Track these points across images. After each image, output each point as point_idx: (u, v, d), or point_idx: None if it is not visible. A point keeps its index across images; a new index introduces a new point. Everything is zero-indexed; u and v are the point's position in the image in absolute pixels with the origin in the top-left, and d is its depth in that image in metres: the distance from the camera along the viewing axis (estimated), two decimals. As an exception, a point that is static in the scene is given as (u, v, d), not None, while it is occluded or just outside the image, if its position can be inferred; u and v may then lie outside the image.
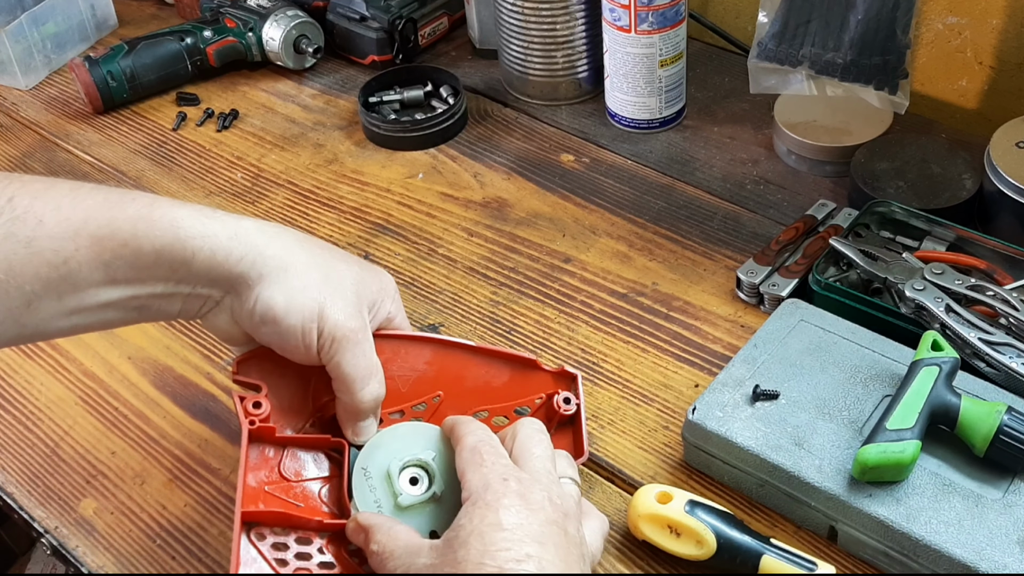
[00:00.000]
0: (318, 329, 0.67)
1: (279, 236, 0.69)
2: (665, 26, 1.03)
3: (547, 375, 0.77)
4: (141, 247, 0.64)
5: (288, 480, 0.71)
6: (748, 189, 1.03)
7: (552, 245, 0.99)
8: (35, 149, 1.17)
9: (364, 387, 0.70)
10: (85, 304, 0.65)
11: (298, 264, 0.68)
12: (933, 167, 0.96)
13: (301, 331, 0.67)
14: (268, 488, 0.69)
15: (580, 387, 0.76)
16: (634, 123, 1.11)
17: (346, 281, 0.70)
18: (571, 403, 0.75)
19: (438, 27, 1.27)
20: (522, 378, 0.77)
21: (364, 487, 0.68)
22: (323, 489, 0.72)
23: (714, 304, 0.91)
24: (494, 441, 0.66)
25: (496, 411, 0.77)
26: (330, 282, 0.69)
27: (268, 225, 0.70)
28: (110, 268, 0.64)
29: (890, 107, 1.01)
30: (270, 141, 1.16)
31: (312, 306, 0.67)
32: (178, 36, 1.22)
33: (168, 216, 0.65)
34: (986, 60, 1.07)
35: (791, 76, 1.02)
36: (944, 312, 0.80)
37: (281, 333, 0.67)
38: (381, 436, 0.71)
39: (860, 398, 0.76)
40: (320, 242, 0.73)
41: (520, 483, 0.62)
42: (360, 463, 0.70)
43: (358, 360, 0.69)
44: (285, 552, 0.67)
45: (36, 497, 0.80)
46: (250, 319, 0.67)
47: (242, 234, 0.67)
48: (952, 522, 0.68)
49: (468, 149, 1.12)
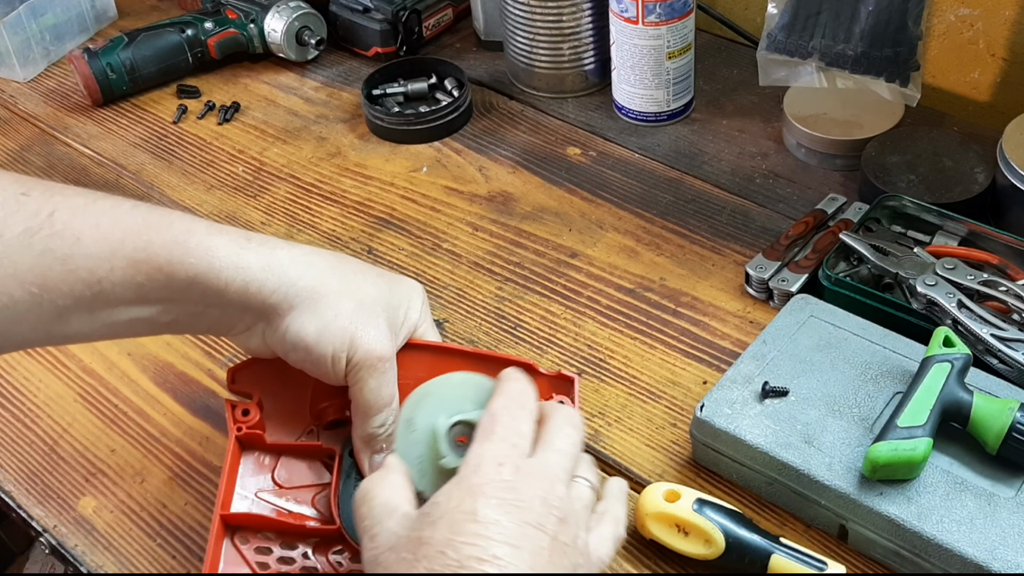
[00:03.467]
0: (347, 357, 0.69)
1: (312, 265, 0.70)
2: (673, 17, 1.02)
3: (544, 379, 0.75)
4: (175, 273, 0.65)
5: (281, 487, 0.72)
6: (757, 183, 1.02)
7: (558, 240, 0.98)
8: (34, 142, 1.17)
9: (379, 414, 0.70)
10: (115, 319, 0.66)
11: (330, 294, 0.69)
12: (945, 161, 0.95)
13: (331, 359, 0.68)
14: (261, 494, 0.71)
15: (577, 390, 0.75)
16: (641, 116, 1.10)
17: (377, 307, 0.71)
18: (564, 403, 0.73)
19: (442, 18, 1.26)
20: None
21: (407, 440, 0.65)
22: (317, 496, 0.73)
23: (723, 300, 0.91)
24: (523, 411, 0.63)
25: None
26: (362, 310, 0.70)
27: (301, 253, 0.70)
28: (143, 289, 0.65)
29: (901, 100, 1.00)
30: (272, 134, 1.15)
31: (343, 336, 0.68)
32: (179, 28, 1.21)
33: (204, 244, 0.66)
34: (999, 52, 1.06)
35: (801, 68, 1.02)
36: (956, 308, 0.79)
37: (313, 360, 0.69)
38: (431, 385, 0.69)
39: (871, 395, 0.75)
40: (352, 264, 0.74)
41: (516, 473, 0.59)
42: (406, 413, 0.67)
43: (381, 389, 0.70)
44: (268, 556, 0.69)
45: (34, 495, 0.80)
46: (281, 345, 0.69)
47: (275, 266, 0.68)
48: (964, 521, 0.68)
49: (473, 142, 1.11)
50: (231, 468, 0.71)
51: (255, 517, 0.70)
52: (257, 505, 0.71)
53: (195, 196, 1.07)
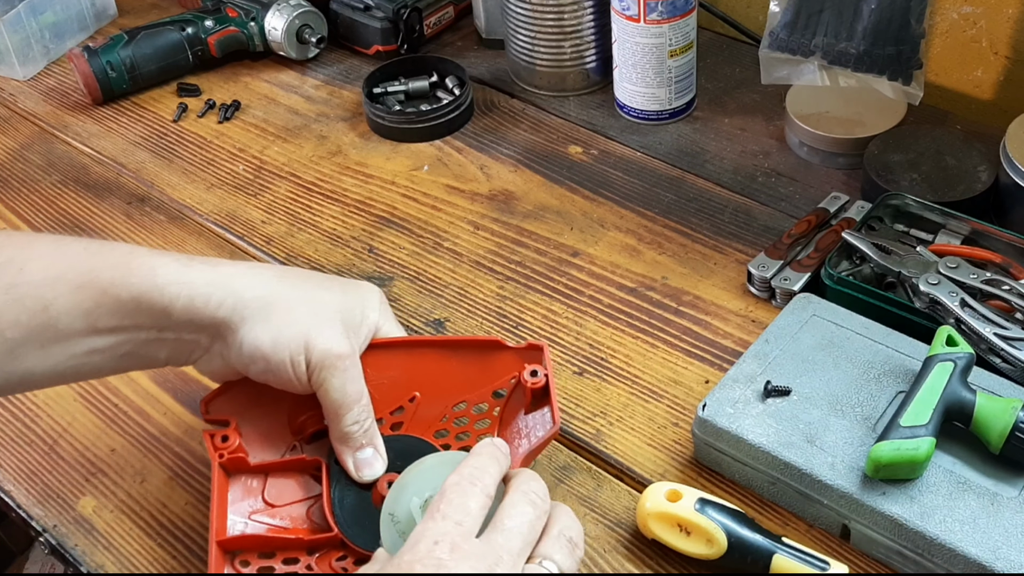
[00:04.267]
0: (306, 360, 0.69)
1: (258, 276, 0.71)
2: (675, 15, 1.02)
3: (515, 352, 0.76)
4: (120, 295, 0.66)
5: (274, 505, 0.73)
6: (759, 181, 1.02)
7: (560, 238, 0.98)
8: (33, 141, 1.16)
9: (349, 412, 0.71)
10: (70, 352, 0.67)
11: (280, 301, 0.70)
12: (948, 159, 0.95)
13: (290, 364, 0.69)
14: (254, 516, 0.72)
15: (547, 357, 0.75)
16: (643, 114, 1.10)
17: (330, 309, 0.72)
18: (538, 375, 0.74)
19: (443, 16, 1.26)
20: (492, 360, 0.77)
21: (393, 533, 0.64)
22: (312, 508, 0.73)
23: (725, 299, 0.90)
24: (473, 487, 0.59)
25: (473, 399, 0.77)
26: (315, 313, 0.71)
27: (246, 267, 0.72)
28: (91, 316, 0.66)
29: (904, 98, 1.00)
30: (272, 133, 1.15)
31: (299, 339, 0.69)
32: (179, 26, 1.21)
33: (147, 264, 0.68)
34: (1002, 50, 1.06)
35: (803, 66, 1.02)
36: (959, 307, 0.79)
37: (272, 369, 0.69)
38: (406, 475, 0.66)
39: (873, 394, 0.75)
40: (301, 272, 0.75)
41: (452, 552, 0.55)
42: (387, 507, 0.65)
43: (346, 387, 0.70)
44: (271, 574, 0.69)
45: (34, 495, 0.80)
46: (240, 360, 0.69)
47: (220, 280, 0.69)
48: (967, 520, 0.68)
49: (474, 141, 1.11)
50: (219, 495, 0.71)
51: (252, 538, 0.71)
52: (252, 527, 0.72)
53: (195, 195, 1.07)
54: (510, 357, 0.77)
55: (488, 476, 0.60)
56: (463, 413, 0.77)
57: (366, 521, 0.71)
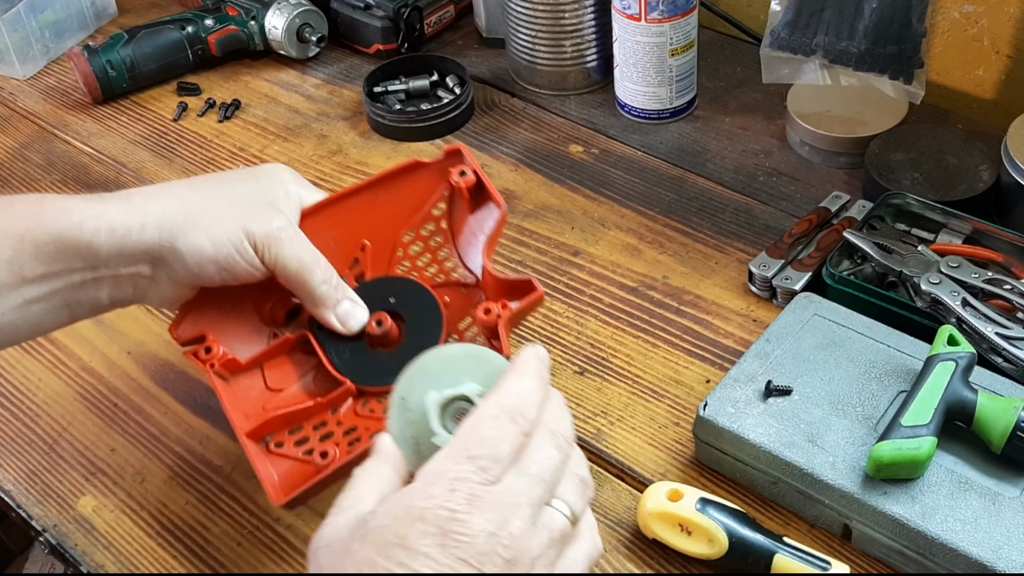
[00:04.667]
0: (251, 244, 0.71)
1: (171, 193, 0.72)
2: (676, 14, 1.02)
3: (437, 165, 0.79)
4: (38, 239, 0.67)
5: (279, 391, 0.75)
6: (760, 181, 1.02)
7: (560, 238, 0.98)
8: (33, 140, 1.16)
9: (313, 274, 0.72)
10: (4, 306, 0.67)
11: (201, 206, 0.71)
12: (949, 158, 0.95)
13: (238, 254, 0.70)
14: (267, 407, 0.73)
15: (468, 154, 0.78)
16: (644, 113, 1.10)
17: (250, 194, 0.74)
18: (466, 173, 0.77)
19: (444, 15, 1.25)
20: (420, 182, 0.79)
21: (403, 420, 0.58)
22: (315, 378, 0.76)
23: (726, 298, 0.90)
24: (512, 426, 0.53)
25: (418, 224, 0.79)
26: (238, 203, 0.72)
27: (155, 188, 0.74)
28: (14, 265, 0.67)
29: (905, 97, 1.00)
30: (273, 132, 1.14)
31: (234, 228, 0.70)
32: (179, 25, 1.21)
33: (58, 207, 0.68)
34: (1003, 49, 1.06)
35: (804, 65, 1.02)
36: (960, 306, 0.79)
37: (224, 267, 0.71)
38: (426, 359, 0.60)
39: (875, 394, 0.75)
40: (208, 176, 0.78)
41: (470, 502, 0.50)
42: (400, 391, 0.59)
43: (299, 253, 0.72)
44: (307, 443, 0.72)
45: (34, 495, 0.80)
46: (188, 273, 0.71)
47: (134, 208, 0.70)
48: (969, 520, 0.68)
49: (475, 140, 1.11)
50: (228, 400, 0.72)
51: (275, 419, 0.72)
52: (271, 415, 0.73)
53: (196, 194, 1.07)
54: (434, 171, 0.79)
55: (531, 410, 0.54)
56: (415, 239, 0.79)
57: (370, 365, 0.74)
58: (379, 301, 0.76)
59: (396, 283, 0.78)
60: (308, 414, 0.73)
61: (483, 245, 0.77)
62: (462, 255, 0.79)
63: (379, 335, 0.75)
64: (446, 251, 0.79)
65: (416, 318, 0.76)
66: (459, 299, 0.78)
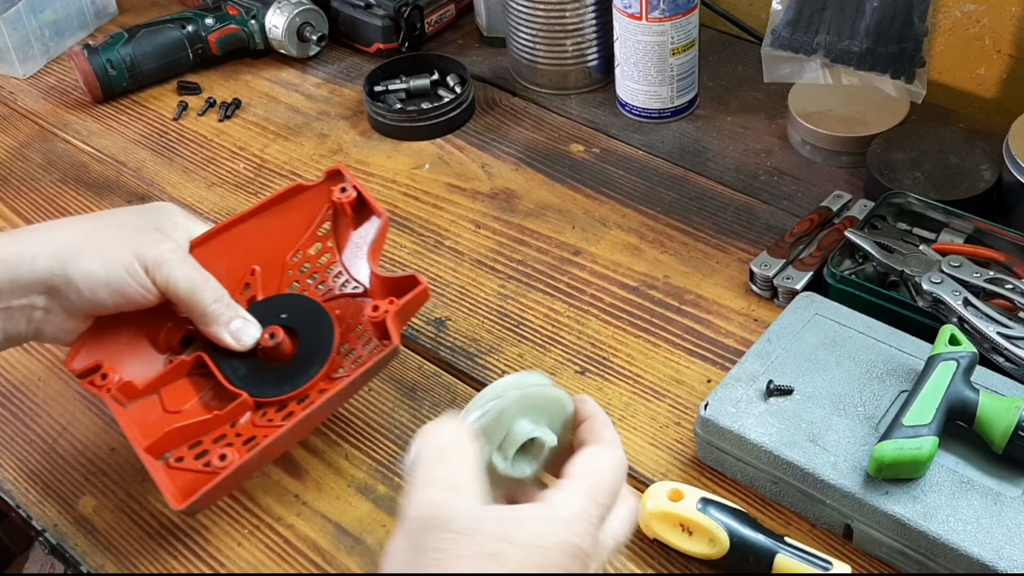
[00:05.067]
0: (141, 265, 0.72)
1: (60, 225, 0.75)
2: (677, 13, 1.02)
3: (319, 187, 0.82)
4: None
5: (177, 412, 0.76)
6: (762, 180, 1.02)
7: (561, 237, 0.97)
8: (33, 139, 1.16)
9: (204, 292, 0.74)
10: None
11: (90, 234, 0.73)
12: (951, 158, 0.95)
13: (129, 276, 0.72)
14: (167, 430, 0.74)
15: (348, 173, 0.82)
16: (645, 112, 1.09)
17: (139, 222, 0.76)
18: (347, 190, 0.81)
19: (445, 14, 1.25)
20: (304, 205, 0.83)
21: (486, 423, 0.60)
22: (212, 398, 0.77)
23: (727, 298, 0.90)
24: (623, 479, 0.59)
25: (306, 244, 0.83)
26: (127, 228, 0.75)
27: (45, 223, 0.77)
28: None
29: (907, 96, 1.00)
30: (273, 131, 1.14)
31: (125, 253, 0.72)
32: (179, 24, 1.20)
33: None
34: (1005, 48, 1.05)
35: (806, 64, 1.01)
36: (962, 306, 0.79)
37: (117, 290, 0.72)
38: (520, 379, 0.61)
39: (876, 393, 0.75)
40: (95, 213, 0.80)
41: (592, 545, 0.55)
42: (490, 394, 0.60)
43: (190, 273, 0.74)
44: (207, 456, 0.72)
45: (34, 495, 0.80)
46: (82, 299, 0.72)
47: (24, 239, 0.72)
48: (970, 520, 0.68)
49: (475, 139, 1.10)
50: (125, 423, 0.74)
51: (173, 433, 0.73)
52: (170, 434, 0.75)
53: (196, 193, 1.07)
54: (317, 193, 0.83)
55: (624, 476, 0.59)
56: (303, 260, 0.83)
57: (266, 378, 0.77)
58: (271, 318, 0.78)
59: (287, 300, 0.81)
60: (207, 428, 0.75)
61: (367, 251, 0.80)
62: (349, 268, 0.83)
63: (272, 347, 0.77)
64: (334, 267, 0.83)
65: (308, 330, 0.79)
66: (350, 309, 0.81)
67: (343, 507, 0.77)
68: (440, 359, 0.88)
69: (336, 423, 0.83)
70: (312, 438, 0.82)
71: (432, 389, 0.85)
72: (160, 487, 0.70)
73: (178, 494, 0.69)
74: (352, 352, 0.79)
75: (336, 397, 0.73)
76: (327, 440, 0.82)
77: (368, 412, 0.83)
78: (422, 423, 0.81)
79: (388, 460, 0.80)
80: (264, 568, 0.74)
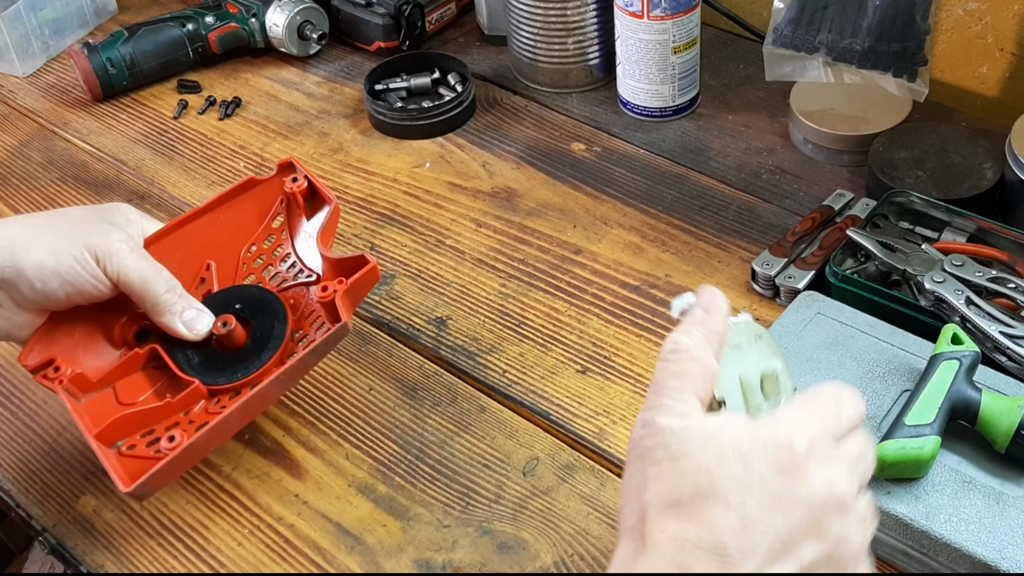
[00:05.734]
0: (92, 255, 0.72)
1: (10, 220, 0.75)
2: (678, 12, 1.01)
3: (271, 181, 0.83)
4: None
5: (131, 404, 0.76)
6: (763, 179, 1.02)
7: (562, 236, 0.97)
8: (33, 138, 1.16)
9: (157, 283, 0.75)
10: None
11: (39, 226, 0.73)
12: (953, 156, 0.95)
13: (80, 265, 0.72)
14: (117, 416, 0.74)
15: (300, 165, 0.83)
16: (647, 111, 1.09)
17: (90, 215, 0.76)
18: (297, 180, 0.82)
19: (446, 13, 1.25)
20: (257, 198, 0.84)
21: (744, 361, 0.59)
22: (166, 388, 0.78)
23: (729, 297, 0.88)
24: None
25: (260, 238, 0.84)
26: (77, 222, 0.74)
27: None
28: None
29: (909, 95, 0.99)
30: (273, 130, 1.14)
31: (75, 242, 0.72)
32: (179, 22, 1.20)
33: None
34: (1007, 47, 1.05)
35: (808, 63, 1.01)
36: (964, 305, 0.79)
37: (66, 279, 0.72)
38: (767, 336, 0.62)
39: (878, 393, 0.75)
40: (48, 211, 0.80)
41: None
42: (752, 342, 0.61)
43: (140, 263, 0.74)
44: (158, 444, 0.72)
45: (34, 494, 0.79)
46: (31, 290, 0.72)
47: None
48: (973, 520, 0.67)
49: (476, 138, 1.10)
50: (79, 415, 0.73)
51: (124, 419, 0.73)
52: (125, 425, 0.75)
53: (196, 192, 1.07)
54: (270, 186, 0.84)
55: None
56: (257, 253, 0.84)
57: (219, 366, 0.77)
58: (225, 308, 0.79)
59: (241, 291, 0.82)
60: (159, 416, 0.75)
61: (317, 234, 0.81)
62: (303, 258, 0.84)
63: (225, 335, 0.77)
64: (289, 258, 0.84)
65: (262, 319, 0.79)
66: (304, 297, 0.82)
67: (344, 507, 0.77)
68: (441, 358, 0.87)
69: (336, 423, 0.83)
70: (313, 438, 0.81)
71: (433, 388, 0.85)
72: (109, 470, 0.69)
73: (127, 477, 0.69)
74: (306, 338, 0.80)
75: (285, 377, 0.74)
76: (328, 440, 0.81)
77: (368, 412, 0.83)
78: (423, 423, 0.82)
79: (389, 460, 0.80)
80: (264, 568, 0.74)
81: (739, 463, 0.50)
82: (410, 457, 0.80)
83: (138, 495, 0.69)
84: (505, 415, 0.82)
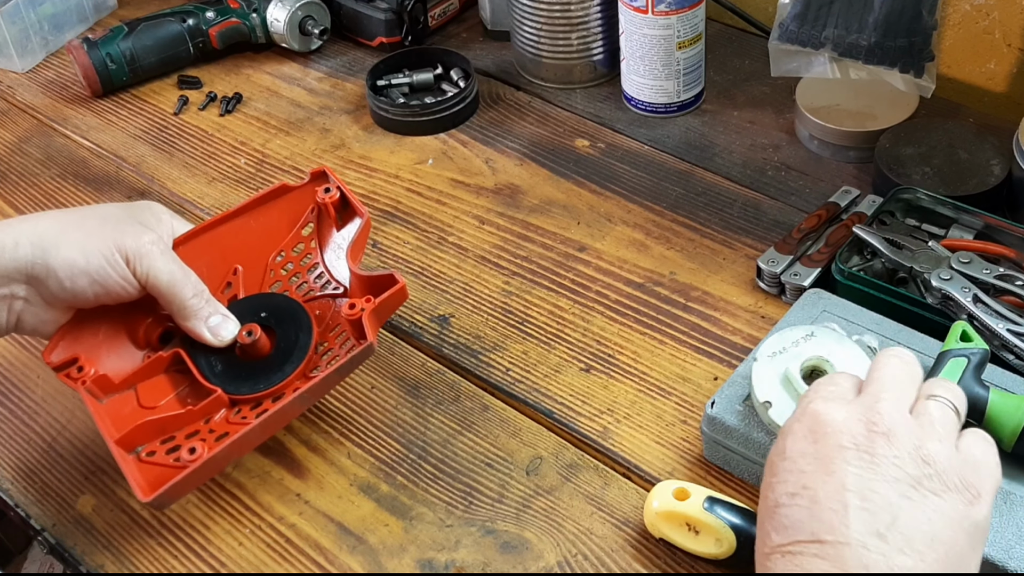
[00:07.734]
0: (122, 256, 0.72)
1: (42, 215, 0.75)
2: (683, 7, 1.01)
3: (304, 188, 0.83)
4: None
5: (152, 407, 0.76)
6: (769, 175, 1.01)
7: (566, 233, 0.97)
8: (32, 134, 1.15)
9: (184, 287, 0.75)
10: None
11: (71, 223, 0.73)
12: (960, 152, 0.94)
13: (109, 265, 0.72)
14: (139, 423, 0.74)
15: (333, 174, 0.83)
16: (651, 107, 1.09)
17: (121, 215, 0.76)
18: (330, 190, 0.82)
19: (448, 8, 1.24)
20: (288, 205, 0.84)
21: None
22: (188, 394, 0.77)
23: (734, 294, 0.89)
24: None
25: (288, 245, 0.84)
26: (108, 220, 0.74)
27: (27, 215, 0.76)
28: None
29: (916, 91, 0.99)
30: (275, 126, 1.14)
31: (106, 242, 0.72)
32: (180, 17, 1.20)
33: None
34: (1015, 42, 1.05)
35: (813, 58, 1.01)
36: (971, 302, 0.78)
37: (96, 279, 0.72)
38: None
39: (886, 392, 0.74)
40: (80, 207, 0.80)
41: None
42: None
43: (171, 266, 0.74)
44: (178, 451, 0.72)
45: (33, 494, 0.79)
46: (62, 287, 0.72)
47: (5, 227, 0.72)
48: (980, 520, 0.66)
49: (479, 134, 1.10)
50: (99, 417, 0.73)
51: (145, 426, 0.73)
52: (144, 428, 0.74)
53: (196, 189, 1.06)
54: (302, 194, 0.84)
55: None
56: (285, 260, 0.84)
57: (242, 375, 0.77)
58: (250, 316, 0.79)
59: (267, 299, 0.82)
60: (180, 423, 0.74)
61: (347, 249, 0.81)
62: (331, 269, 0.83)
63: (249, 344, 0.77)
64: (316, 268, 0.83)
65: (286, 329, 0.79)
66: (330, 309, 0.82)
67: (345, 506, 0.76)
68: (443, 356, 0.87)
69: (338, 422, 0.82)
70: (314, 437, 0.81)
71: (435, 387, 0.84)
72: (128, 479, 0.69)
73: (146, 486, 0.69)
74: (330, 351, 0.79)
75: (308, 394, 0.73)
76: (329, 439, 0.81)
77: (371, 410, 0.83)
78: (425, 421, 0.81)
79: (391, 459, 0.79)
80: (265, 568, 0.73)
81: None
82: (412, 456, 0.79)
83: (157, 505, 0.69)
84: (508, 414, 0.82)
